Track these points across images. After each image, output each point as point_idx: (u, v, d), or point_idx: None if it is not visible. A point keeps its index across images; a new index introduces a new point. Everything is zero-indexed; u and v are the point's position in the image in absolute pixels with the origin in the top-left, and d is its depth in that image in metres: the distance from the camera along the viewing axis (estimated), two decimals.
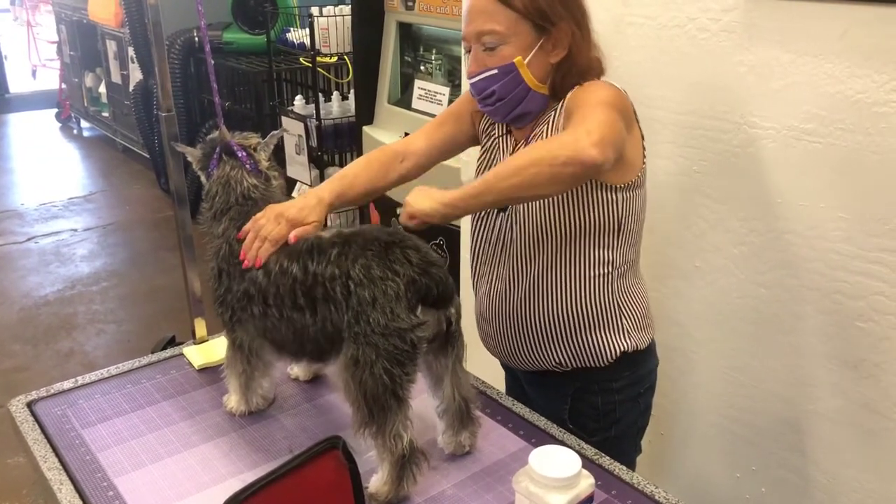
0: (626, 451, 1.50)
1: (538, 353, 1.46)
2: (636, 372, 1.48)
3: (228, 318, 1.34)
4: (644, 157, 1.39)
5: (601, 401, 1.46)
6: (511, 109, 1.37)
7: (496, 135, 1.49)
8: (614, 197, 1.35)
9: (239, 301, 1.30)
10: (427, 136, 1.52)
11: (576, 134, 1.19)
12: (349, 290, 1.17)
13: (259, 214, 1.31)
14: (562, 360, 1.45)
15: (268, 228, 1.27)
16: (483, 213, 1.48)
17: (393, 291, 1.15)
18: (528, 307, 1.43)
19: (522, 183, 1.17)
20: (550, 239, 1.38)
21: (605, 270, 1.40)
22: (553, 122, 1.36)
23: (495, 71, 1.32)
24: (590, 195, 1.35)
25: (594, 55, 1.37)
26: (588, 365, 1.44)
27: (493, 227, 1.46)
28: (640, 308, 1.47)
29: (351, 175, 1.43)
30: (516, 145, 1.44)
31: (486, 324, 1.52)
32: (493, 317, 1.49)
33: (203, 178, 1.40)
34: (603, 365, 1.44)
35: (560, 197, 1.34)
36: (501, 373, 1.65)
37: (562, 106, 1.34)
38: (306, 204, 1.32)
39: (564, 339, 1.43)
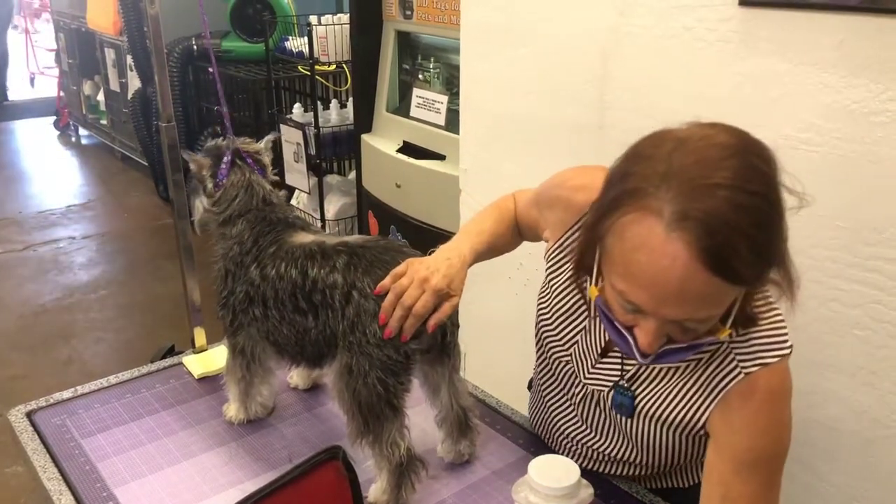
0: None
1: (611, 466, 1.30)
2: None
3: (230, 321, 1.34)
4: None
5: None
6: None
7: (585, 315, 1.22)
8: None
9: (241, 304, 1.31)
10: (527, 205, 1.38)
11: None
12: (349, 299, 1.18)
13: (400, 269, 1.17)
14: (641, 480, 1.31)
15: (411, 296, 1.13)
16: (581, 372, 1.23)
17: None
18: (621, 462, 1.26)
19: None
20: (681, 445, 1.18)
21: None
22: (714, 373, 1.10)
23: (683, 345, 1.03)
24: None
25: None
26: (671, 486, 1.30)
27: (597, 397, 1.23)
28: None
29: (488, 232, 1.31)
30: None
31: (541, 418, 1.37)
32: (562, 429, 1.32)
33: (209, 184, 1.38)
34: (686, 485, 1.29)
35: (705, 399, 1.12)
36: (500, 381, 1.65)
37: (735, 372, 1.07)
38: (450, 268, 1.18)
39: (654, 475, 1.28)
